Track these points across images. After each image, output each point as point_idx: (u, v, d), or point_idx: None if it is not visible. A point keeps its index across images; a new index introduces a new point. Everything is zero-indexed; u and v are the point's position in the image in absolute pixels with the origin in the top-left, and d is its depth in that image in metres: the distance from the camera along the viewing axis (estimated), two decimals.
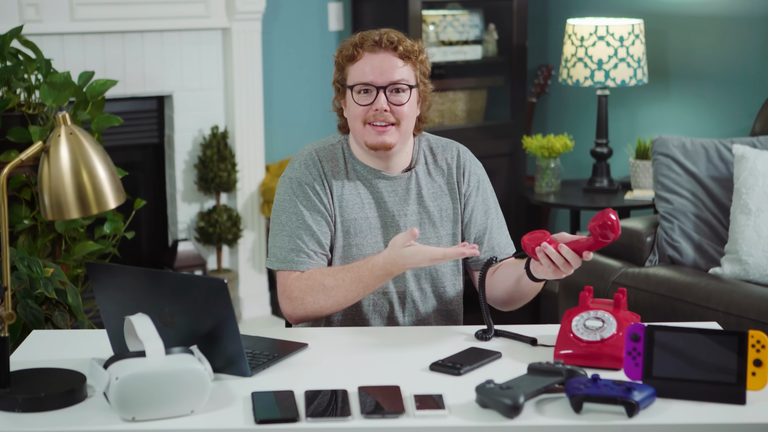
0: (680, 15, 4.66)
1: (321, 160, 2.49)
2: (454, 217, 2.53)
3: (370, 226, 2.49)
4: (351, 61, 2.45)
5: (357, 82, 2.44)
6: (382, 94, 2.42)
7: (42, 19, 4.34)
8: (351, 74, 2.45)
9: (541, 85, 5.16)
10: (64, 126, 2.12)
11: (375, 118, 2.42)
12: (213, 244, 4.78)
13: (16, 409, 1.93)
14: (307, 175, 2.47)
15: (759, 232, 3.57)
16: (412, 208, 2.50)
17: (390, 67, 2.43)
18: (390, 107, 2.42)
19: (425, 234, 2.50)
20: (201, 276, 2.61)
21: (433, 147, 2.57)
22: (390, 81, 2.42)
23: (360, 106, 2.43)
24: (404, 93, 2.44)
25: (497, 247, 2.56)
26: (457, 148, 2.58)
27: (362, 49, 2.44)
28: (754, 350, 1.94)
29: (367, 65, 2.43)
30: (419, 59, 2.47)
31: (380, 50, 2.43)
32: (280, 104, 5.01)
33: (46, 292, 2.99)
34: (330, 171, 2.49)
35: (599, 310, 2.20)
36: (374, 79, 2.42)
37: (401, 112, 2.43)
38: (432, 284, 2.52)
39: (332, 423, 1.87)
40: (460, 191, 2.54)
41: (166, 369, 1.89)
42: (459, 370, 2.09)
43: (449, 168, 2.55)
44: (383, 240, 2.49)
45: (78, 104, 3.62)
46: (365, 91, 2.43)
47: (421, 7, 4.78)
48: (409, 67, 2.45)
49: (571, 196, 4.68)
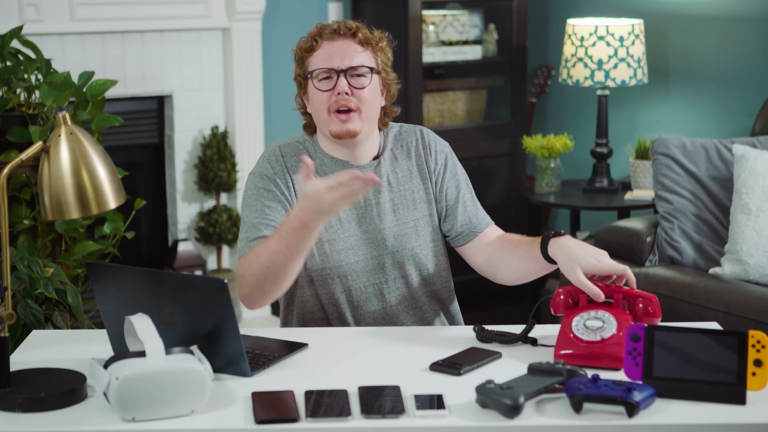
0: (680, 15, 4.66)
1: (284, 155, 2.49)
2: (427, 197, 2.54)
3: (340, 220, 2.47)
4: (310, 52, 2.47)
5: (317, 68, 2.44)
6: (343, 78, 2.42)
7: (42, 19, 4.34)
8: (311, 63, 2.46)
9: (541, 85, 5.16)
10: (64, 126, 2.12)
11: (337, 103, 2.42)
12: (213, 244, 4.78)
13: (16, 409, 1.93)
14: (269, 169, 2.47)
15: (759, 232, 3.57)
16: (384, 195, 2.51)
17: (349, 53, 2.44)
18: (351, 90, 2.43)
19: (402, 218, 2.51)
20: (201, 276, 2.61)
21: (396, 134, 2.57)
22: (350, 65, 2.43)
23: (322, 92, 2.43)
24: (365, 77, 2.44)
25: (474, 218, 2.56)
26: (420, 130, 2.59)
27: (321, 38, 2.46)
28: (754, 350, 1.94)
29: (326, 52, 2.45)
30: (379, 46, 2.49)
31: (339, 38, 2.45)
32: (280, 104, 5.01)
33: (46, 292, 2.99)
34: (293, 166, 2.48)
35: (599, 310, 2.20)
36: (334, 64, 2.43)
37: (362, 96, 2.44)
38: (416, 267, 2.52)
39: (332, 423, 1.87)
40: (430, 170, 2.55)
41: (166, 369, 1.89)
42: (459, 370, 2.09)
43: (417, 150, 2.56)
44: (358, 232, 2.48)
45: (78, 104, 3.62)
46: (326, 77, 2.44)
47: (421, 7, 4.78)
48: (369, 53, 2.47)
49: (571, 196, 4.68)
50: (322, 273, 2.47)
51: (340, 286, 2.48)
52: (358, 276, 2.48)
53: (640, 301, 2.24)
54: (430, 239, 2.54)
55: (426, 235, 2.54)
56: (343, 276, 2.47)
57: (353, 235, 2.48)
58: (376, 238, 2.49)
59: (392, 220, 2.50)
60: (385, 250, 2.49)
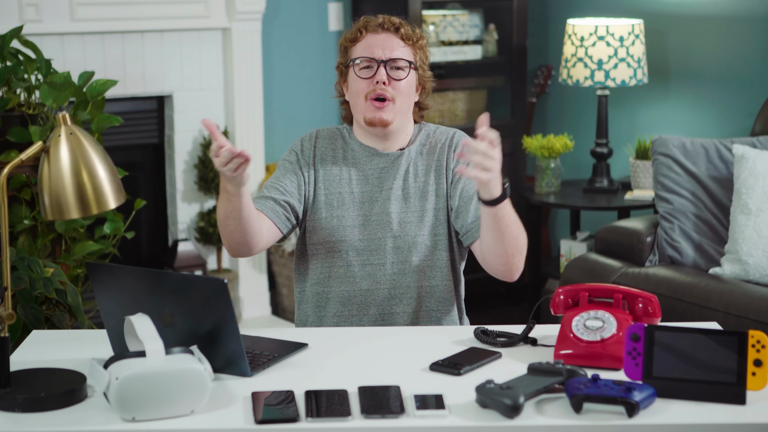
0: (680, 15, 4.66)
1: (319, 137, 2.66)
2: (438, 192, 2.60)
3: (354, 200, 2.60)
4: (354, 42, 2.60)
5: (359, 56, 2.57)
6: (383, 68, 2.55)
7: (42, 19, 4.34)
8: (354, 53, 2.59)
9: (541, 85, 5.16)
10: (64, 126, 2.12)
11: (375, 92, 2.54)
12: (213, 244, 4.78)
13: (16, 409, 1.93)
14: (298, 146, 2.65)
15: (759, 232, 3.57)
16: (397, 183, 2.60)
17: (391, 45, 2.57)
18: (389, 81, 2.55)
19: (411, 207, 2.59)
20: (201, 276, 2.61)
21: (431, 132, 2.67)
22: (390, 56, 2.56)
23: (362, 79, 2.56)
24: (403, 70, 2.56)
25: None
26: (455, 132, 2.67)
27: (366, 30, 2.59)
28: (754, 350, 1.94)
29: (369, 42, 2.58)
30: (419, 44, 2.61)
31: (383, 31, 2.58)
32: (280, 104, 5.01)
33: (46, 292, 2.99)
34: (324, 147, 2.64)
35: (599, 310, 2.20)
36: (375, 54, 2.55)
37: (399, 88, 2.55)
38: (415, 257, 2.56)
39: (332, 423, 1.87)
40: (448, 168, 2.62)
41: (166, 369, 1.89)
42: (459, 370, 2.09)
43: (441, 147, 2.64)
44: (368, 213, 2.59)
45: (78, 104, 3.62)
46: (367, 66, 2.56)
47: (421, 7, 4.78)
48: (410, 48, 2.59)
49: (571, 196, 4.68)
50: (327, 245, 2.59)
51: (341, 261, 2.57)
52: (359, 254, 2.57)
53: (640, 301, 2.24)
54: (432, 231, 2.59)
55: (428, 226, 2.59)
56: (345, 251, 2.57)
57: (362, 214, 2.59)
58: (382, 220, 2.59)
59: (401, 207, 2.59)
60: (389, 233, 2.57)
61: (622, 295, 2.25)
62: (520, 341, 2.26)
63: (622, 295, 2.25)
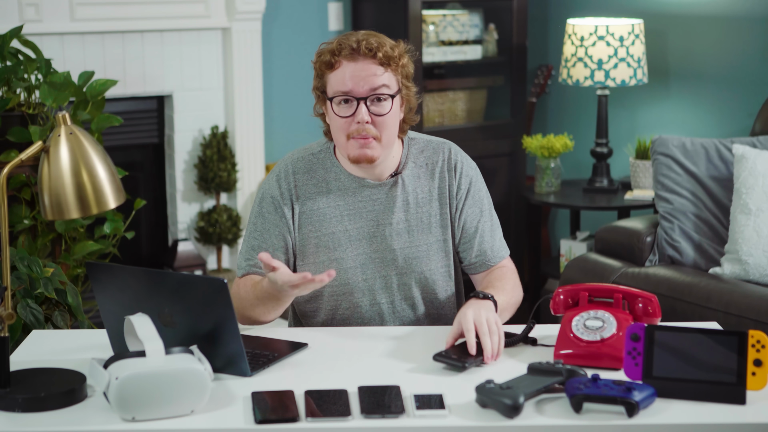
0: (680, 15, 4.66)
1: (296, 172, 2.47)
2: (443, 222, 2.49)
3: (350, 238, 2.45)
4: (330, 69, 2.38)
5: (336, 92, 2.37)
6: (363, 105, 2.35)
7: (42, 19, 4.34)
8: (330, 83, 2.39)
9: (541, 85, 5.16)
10: (64, 126, 2.12)
11: (357, 132, 2.36)
12: (213, 244, 4.78)
13: (16, 409, 1.93)
14: (275, 189, 2.47)
15: (759, 232, 3.57)
16: (398, 216, 2.46)
17: (369, 75, 2.35)
18: (372, 118, 2.36)
19: (415, 241, 2.47)
20: (201, 276, 2.61)
21: (423, 149, 2.51)
22: (370, 89, 2.35)
23: (341, 118, 2.37)
24: (386, 102, 2.37)
25: (489, 250, 2.53)
26: (449, 149, 2.52)
27: (340, 56, 2.36)
28: (754, 350, 1.94)
29: (345, 74, 2.35)
30: (400, 64, 2.39)
31: (359, 57, 2.35)
32: (280, 104, 5.01)
33: (46, 292, 2.99)
34: (304, 184, 2.46)
35: (599, 310, 2.20)
36: (354, 89, 2.35)
37: (383, 123, 2.37)
38: (422, 291, 2.50)
39: (332, 423, 1.87)
40: (451, 194, 2.50)
41: (166, 369, 1.89)
42: (464, 364, 2.09)
43: (441, 171, 2.49)
44: (369, 251, 2.46)
45: (78, 104, 3.62)
46: (345, 101, 2.37)
47: (421, 7, 4.78)
48: (390, 73, 2.38)
49: (571, 196, 4.68)
50: (329, 290, 2.47)
51: (346, 302, 2.48)
52: (364, 294, 2.47)
53: (639, 301, 2.24)
54: (442, 264, 2.50)
55: (438, 260, 2.50)
56: (349, 293, 2.47)
57: (363, 253, 2.46)
58: (386, 257, 2.47)
59: (405, 242, 2.47)
60: (394, 270, 2.47)
61: (622, 294, 2.25)
62: (520, 341, 2.26)
63: (622, 294, 2.25)
